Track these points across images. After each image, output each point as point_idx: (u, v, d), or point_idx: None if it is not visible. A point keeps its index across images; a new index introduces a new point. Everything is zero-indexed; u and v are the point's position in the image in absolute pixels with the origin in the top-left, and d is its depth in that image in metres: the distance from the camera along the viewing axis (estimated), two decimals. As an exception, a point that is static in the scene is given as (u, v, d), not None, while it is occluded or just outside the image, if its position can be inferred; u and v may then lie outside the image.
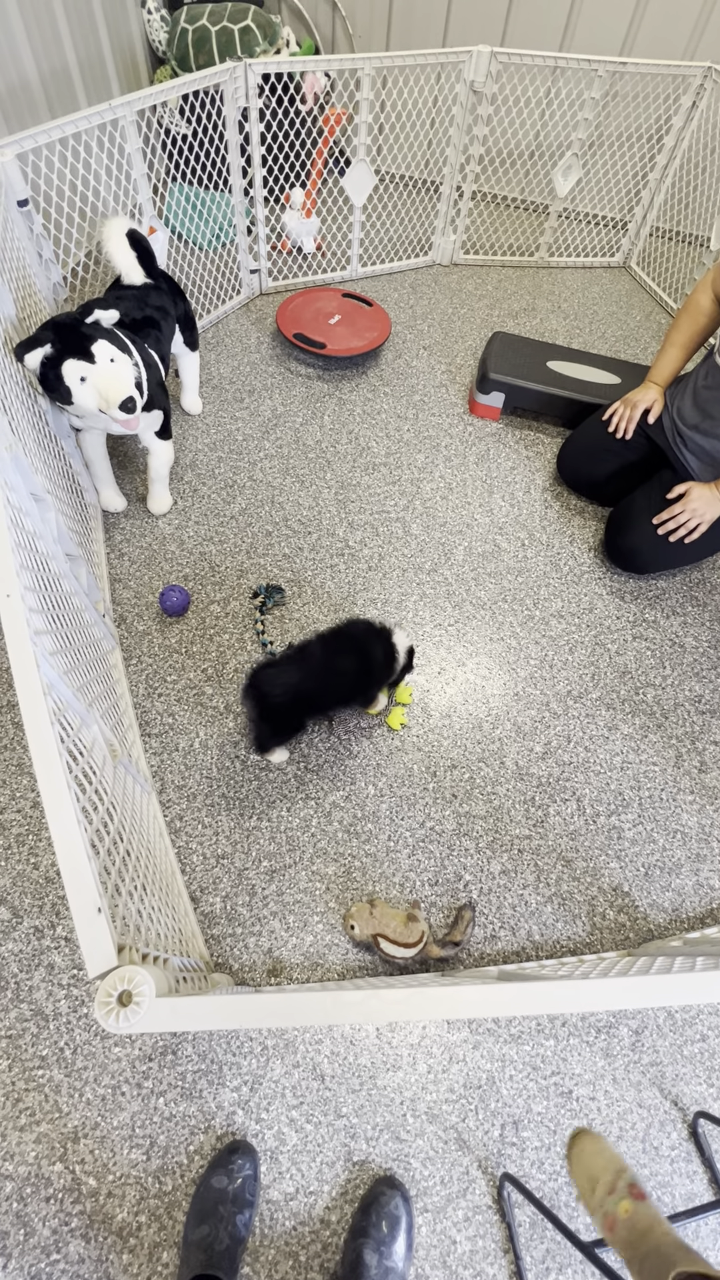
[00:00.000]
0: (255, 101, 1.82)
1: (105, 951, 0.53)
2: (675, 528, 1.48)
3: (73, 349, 1.15)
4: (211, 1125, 0.99)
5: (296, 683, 1.14)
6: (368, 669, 1.22)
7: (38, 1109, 0.98)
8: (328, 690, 1.21)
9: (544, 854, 1.26)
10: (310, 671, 1.16)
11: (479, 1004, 0.54)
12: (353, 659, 1.20)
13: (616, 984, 0.56)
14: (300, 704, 1.18)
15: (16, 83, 1.85)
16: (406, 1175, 0.97)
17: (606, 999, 0.56)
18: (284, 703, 1.14)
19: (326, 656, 1.18)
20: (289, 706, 1.16)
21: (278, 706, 1.15)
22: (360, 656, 1.20)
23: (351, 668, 1.20)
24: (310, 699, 1.19)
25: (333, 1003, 0.53)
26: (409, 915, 1.12)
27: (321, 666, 1.17)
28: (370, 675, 1.24)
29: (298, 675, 1.15)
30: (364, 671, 1.22)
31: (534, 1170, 0.99)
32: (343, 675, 1.20)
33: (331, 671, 1.18)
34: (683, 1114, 1.04)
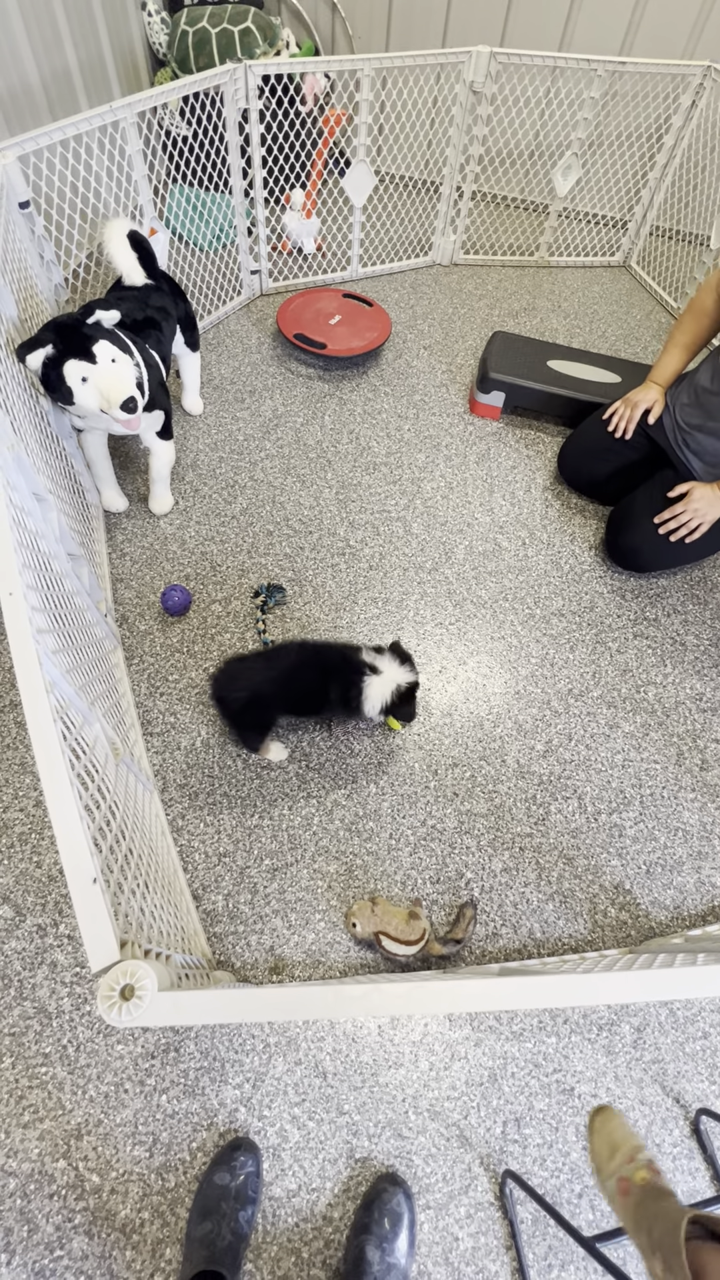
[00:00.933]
0: (255, 103, 1.83)
1: (108, 946, 0.54)
2: (676, 527, 1.48)
3: (74, 349, 1.15)
4: (214, 1122, 0.99)
5: (257, 682, 1.16)
6: (322, 695, 1.20)
7: (41, 1106, 0.99)
8: (284, 698, 1.20)
9: (545, 852, 1.26)
10: (273, 674, 1.17)
11: (480, 998, 0.55)
12: (314, 679, 1.19)
13: (617, 978, 0.57)
14: (259, 703, 1.18)
15: (18, 85, 1.86)
16: (409, 1172, 0.98)
17: (607, 993, 0.56)
18: (241, 700, 1.16)
19: (295, 665, 1.19)
20: (247, 704, 1.17)
21: (236, 704, 1.16)
22: (321, 681, 1.19)
23: (310, 687, 1.20)
24: (268, 701, 1.19)
25: (335, 996, 0.54)
26: (411, 913, 1.12)
27: (285, 673, 1.18)
28: (324, 702, 1.21)
29: (259, 675, 1.16)
30: (318, 695, 1.20)
31: (536, 1167, 0.99)
32: (302, 689, 1.20)
33: (292, 681, 1.19)
34: (684, 1111, 1.04)
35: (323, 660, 1.21)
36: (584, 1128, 1.01)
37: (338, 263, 2.43)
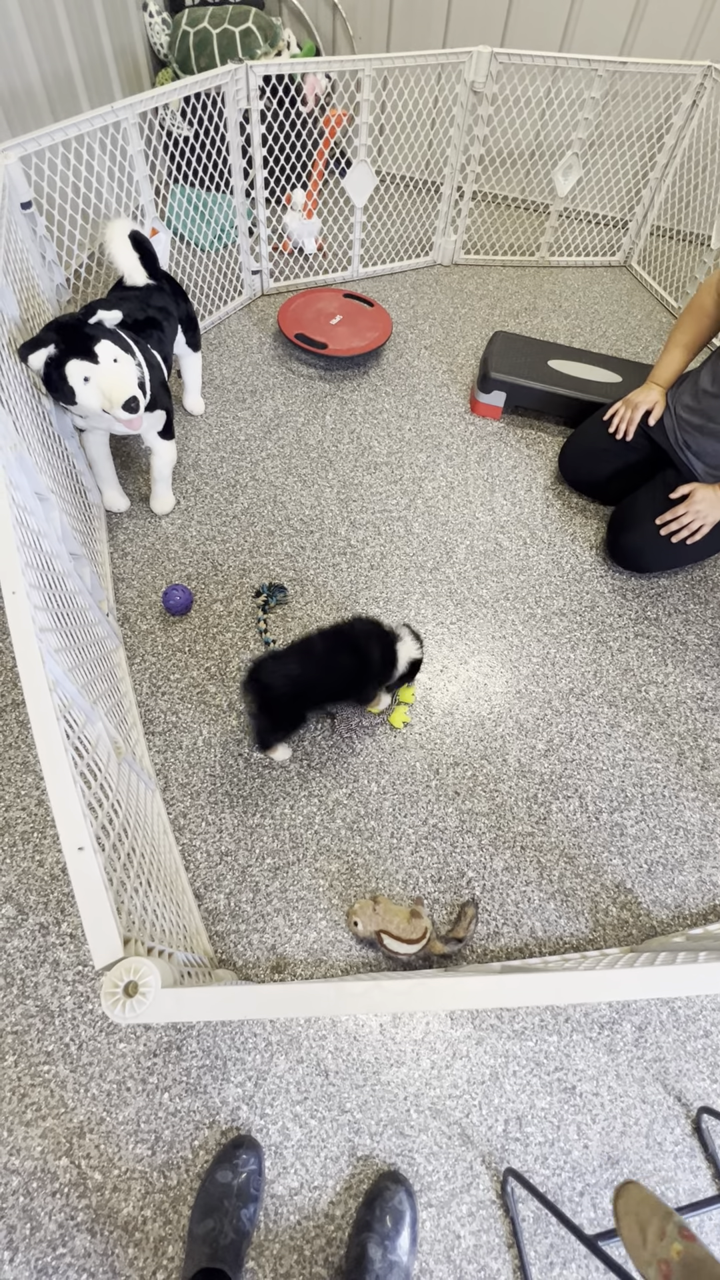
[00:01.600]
0: (256, 103, 1.83)
1: (111, 943, 0.54)
2: (678, 529, 1.48)
3: (76, 349, 1.16)
4: (216, 1120, 0.99)
5: (296, 674, 1.15)
6: (365, 668, 1.22)
7: (44, 1104, 0.99)
8: (326, 684, 1.21)
9: (546, 851, 1.26)
10: (309, 664, 1.17)
11: (481, 995, 0.55)
12: (351, 656, 1.20)
13: (618, 975, 0.57)
14: (300, 696, 1.19)
15: (19, 86, 1.87)
16: (410, 1170, 0.98)
17: (608, 990, 0.56)
18: (284, 694, 1.15)
19: (327, 651, 1.19)
20: (289, 698, 1.17)
21: (278, 698, 1.16)
22: (358, 655, 1.20)
23: (349, 665, 1.20)
24: (309, 691, 1.20)
25: (336, 994, 0.54)
26: (412, 912, 1.12)
27: (321, 660, 1.18)
28: (366, 674, 1.24)
29: (298, 667, 1.16)
30: (361, 669, 1.22)
31: (537, 1165, 0.99)
32: (341, 671, 1.20)
33: (330, 666, 1.19)
34: (686, 1109, 1.04)
35: (350, 636, 1.22)
36: (585, 1127, 1.02)
37: (339, 263, 2.43)
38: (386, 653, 1.24)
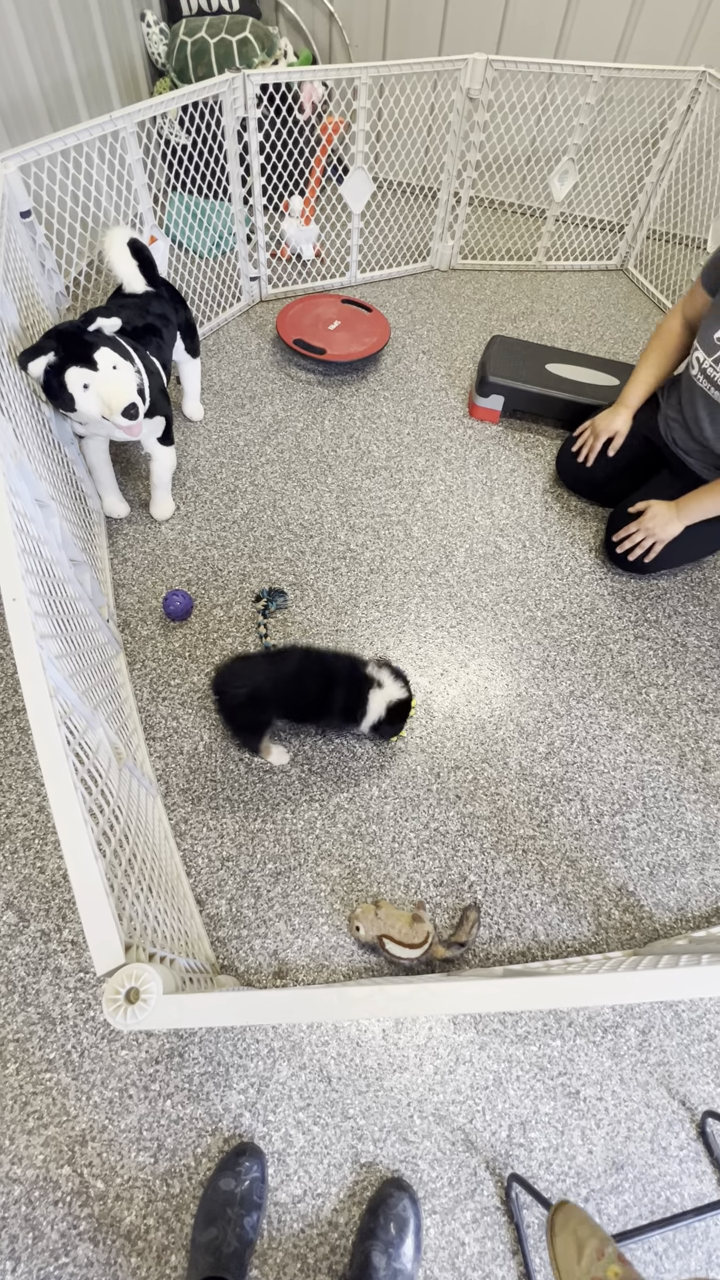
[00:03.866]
0: (254, 111, 1.84)
1: (112, 949, 0.54)
2: (632, 546, 1.49)
3: (76, 356, 1.16)
4: (219, 1128, 0.99)
5: (258, 682, 1.17)
6: (324, 704, 1.21)
7: (45, 1112, 0.99)
8: (284, 701, 1.21)
9: (548, 854, 1.26)
10: (275, 675, 1.18)
11: (483, 999, 0.55)
12: (316, 686, 1.20)
13: (620, 979, 0.57)
14: (255, 705, 1.19)
15: (18, 96, 1.88)
16: (414, 1177, 0.97)
17: (611, 994, 0.56)
18: (240, 699, 1.17)
19: (298, 669, 1.19)
20: (245, 703, 1.18)
21: (235, 700, 1.17)
22: (324, 688, 1.20)
23: (312, 693, 1.20)
24: (266, 702, 1.20)
25: (339, 999, 0.54)
26: (414, 916, 1.12)
27: (288, 676, 1.19)
28: (325, 710, 1.22)
29: (261, 675, 1.17)
30: (320, 703, 1.21)
31: (542, 1171, 0.99)
32: (303, 695, 1.21)
33: (294, 686, 1.19)
34: (690, 1114, 1.04)
35: (329, 668, 1.22)
36: (589, 1132, 1.01)
37: (336, 268, 2.45)
38: (352, 697, 1.21)
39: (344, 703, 1.21)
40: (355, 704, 1.22)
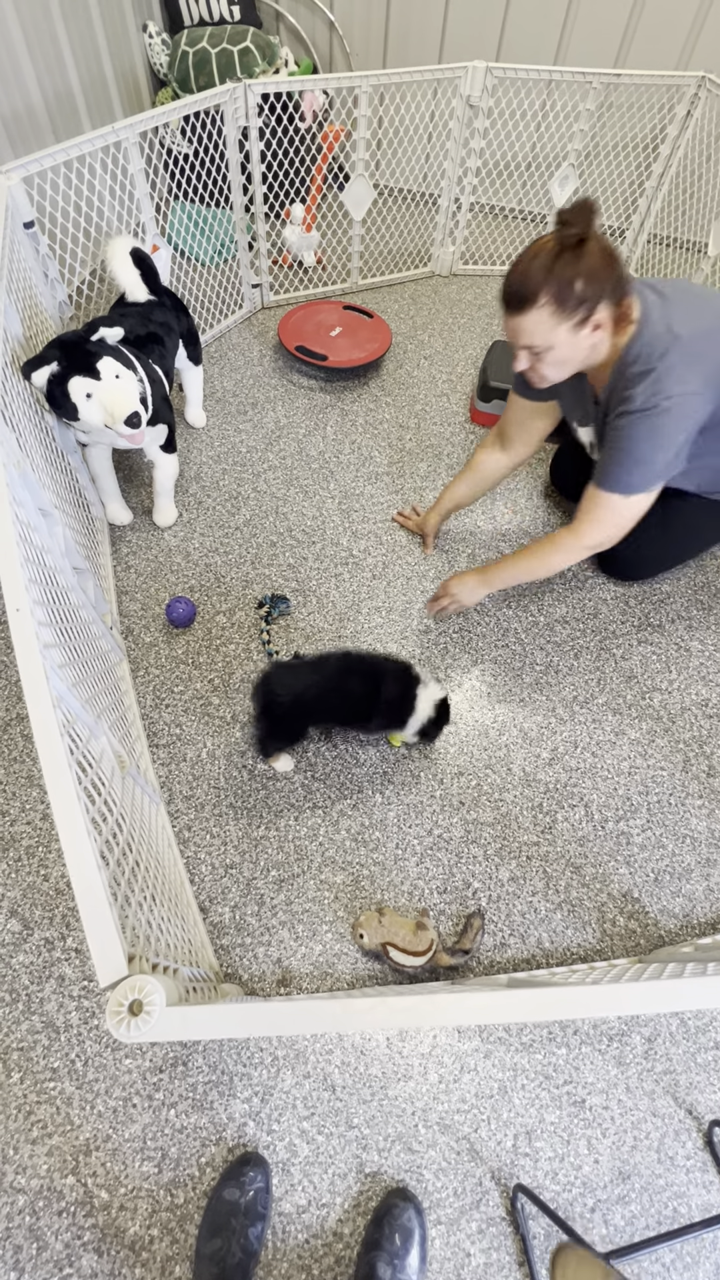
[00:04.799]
0: (255, 120, 1.86)
1: (115, 961, 0.54)
2: (438, 610, 1.49)
3: (79, 366, 1.17)
4: (223, 1137, 0.99)
5: (303, 689, 1.15)
6: (373, 704, 1.20)
7: (49, 1121, 0.98)
8: (330, 707, 1.21)
9: (552, 860, 1.26)
10: (320, 682, 1.17)
11: (487, 1011, 0.54)
12: (364, 687, 1.19)
13: (625, 989, 0.56)
14: (301, 710, 1.19)
15: (21, 107, 1.89)
16: (419, 1187, 0.97)
17: (615, 1005, 0.56)
18: (286, 704, 1.16)
19: (341, 674, 1.18)
20: (290, 709, 1.17)
21: (280, 706, 1.16)
22: (372, 688, 1.19)
23: (359, 695, 1.19)
24: (312, 708, 1.19)
25: (342, 1011, 0.54)
26: (418, 923, 1.12)
27: (333, 681, 1.18)
28: (373, 711, 1.22)
29: (306, 681, 1.16)
30: (369, 704, 1.20)
31: (548, 1181, 0.98)
32: (349, 698, 1.20)
33: (339, 690, 1.18)
34: (697, 1123, 1.03)
35: (375, 669, 1.21)
36: (595, 1142, 1.01)
37: (338, 275, 2.45)
38: (405, 693, 1.21)
39: (393, 704, 1.21)
40: (404, 705, 1.22)
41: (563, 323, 1.03)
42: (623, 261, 1.04)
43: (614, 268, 1.01)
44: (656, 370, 1.08)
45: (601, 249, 0.99)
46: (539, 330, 1.05)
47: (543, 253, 1.00)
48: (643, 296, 1.10)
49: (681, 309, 1.10)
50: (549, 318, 1.03)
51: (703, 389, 1.10)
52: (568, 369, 1.13)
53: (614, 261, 1.01)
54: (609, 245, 1.01)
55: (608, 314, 1.05)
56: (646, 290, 1.11)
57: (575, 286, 0.99)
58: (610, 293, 1.02)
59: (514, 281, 1.03)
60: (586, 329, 1.05)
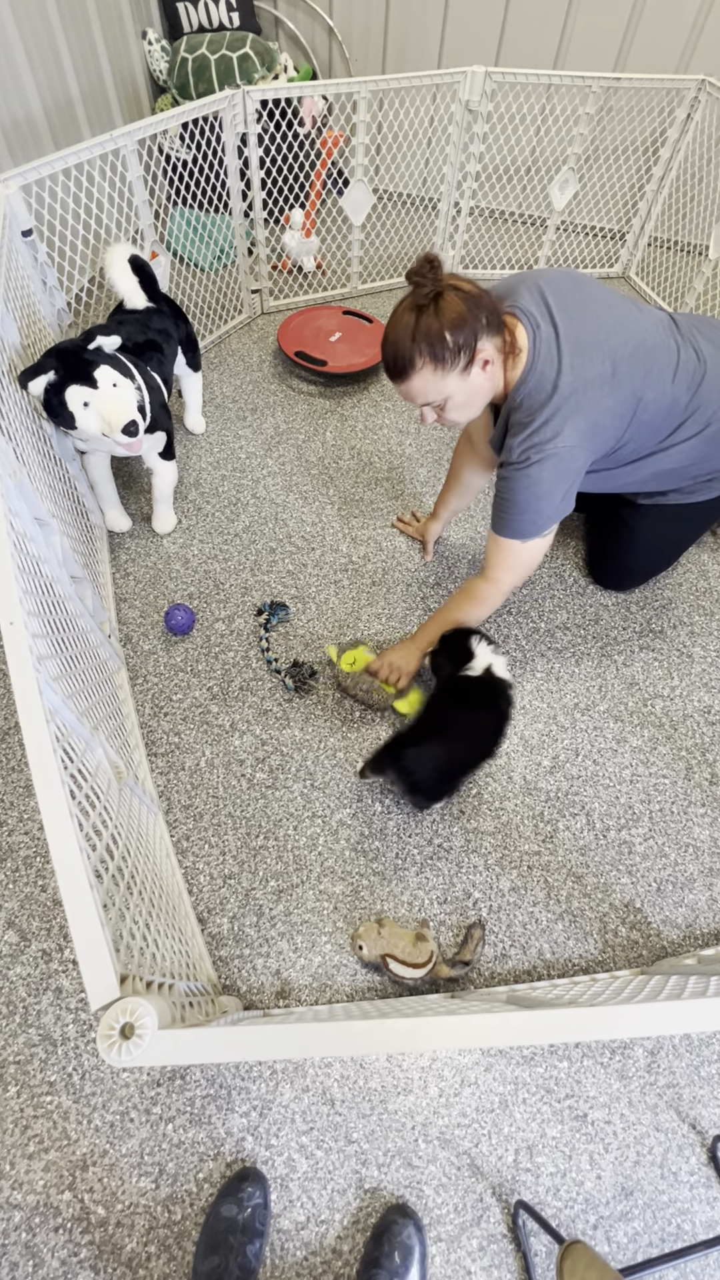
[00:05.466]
0: (254, 127, 1.86)
1: (107, 983, 0.53)
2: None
3: (76, 375, 1.16)
4: (221, 1152, 0.98)
5: (445, 759, 1.15)
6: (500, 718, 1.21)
7: (46, 1136, 0.98)
8: (471, 753, 1.20)
9: (554, 870, 1.25)
10: (452, 741, 1.16)
11: (486, 1034, 0.54)
12: (485, 710, 1.20)
13: (626, 1011, 0.55)
14: (452, 772, 1.19)
15: (21, 115, 1.90)
16: (419, 1203, 0.96)
17: (615, 1028, 0.55)
18: (434, 779, 1.16)
19: (464, 718, 1.19)
20: (440, 782, 1.18)
21: (429, 784, 1.16)
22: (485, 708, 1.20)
23: (489, 724, 1.20)
24: (456, 769, 1.19)
25: (338, 1034, 0.53)
26: (418, 935, 1.11)
27: (463, 731, 1.18)
28: (503, 723, 1.21)
29: (443, 751, 1.15)
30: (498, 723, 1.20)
31: (549, 1197, 0.97)
32: (484, 731, 1.20)
33: (472, 731, 1.19)
34: (701, 1138, 1.01)
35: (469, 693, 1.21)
36: (598, 1157, 1.00)
37: (338, 280, 2.45)
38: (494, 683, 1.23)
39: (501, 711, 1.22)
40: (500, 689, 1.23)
41: (448, 374, 1.02)
42: (489, 295, 1.02)
43: (479, 308, 1.00)
44: (534, 423, 1.08)
45: (460, 295, 0.98)
46: (428, 389, 1.05)
47: (404, 319, 1.00)
48: (534, 328, 1.06)
49: (573, 350, 1.06)
50: (432, 375, 1.03)
51: (579, 442, 1.09)
52: (473, 408, 1.12)
53: (477, 302, 1.00)
54: (467, 287, 1.00)
55: (492, 347, 1.04)
56: (543, 319, 1.07)
57: (446, 339, 0.99)
58: (486, 329, 1.01)
59: (388, 355, 1.04)
60: (475, 369, 1.04)
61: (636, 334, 1.12)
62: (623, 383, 1.09)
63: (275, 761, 1.34)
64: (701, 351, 1.18)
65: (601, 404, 1.09)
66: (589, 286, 1.14)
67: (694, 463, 1.27)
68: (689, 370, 1.17)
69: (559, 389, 1.06)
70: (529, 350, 1.07)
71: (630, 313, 1.15)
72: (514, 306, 1.09)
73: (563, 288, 1.11)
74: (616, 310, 1.13)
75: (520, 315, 1.08)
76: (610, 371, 1.08)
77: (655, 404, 1.15)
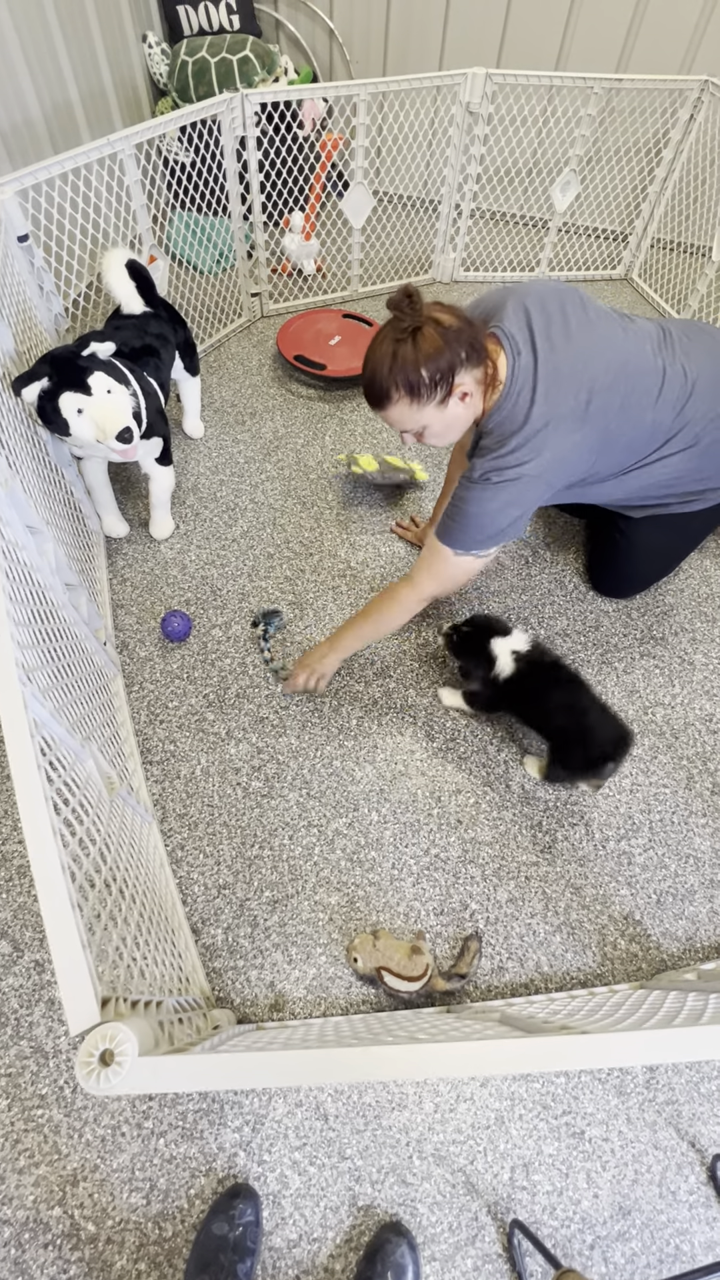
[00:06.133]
0: (252, 130, 1.85)
1: (88, 1008, 0.52)
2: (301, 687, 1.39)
3: (69, 382, 1.16)
4: (213, 1168, 0.97)
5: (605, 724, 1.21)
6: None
7: (37, 1150, 0.97)
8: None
9: (552, 881, 1.23)
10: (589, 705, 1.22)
11: (479, 1062, 0.52)
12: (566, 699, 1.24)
13: (620, 1039, 0.54)
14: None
15: (20, 120, 1.89)
16: (413, 1221, 0.94)
17: (611, 1056, 0.53)
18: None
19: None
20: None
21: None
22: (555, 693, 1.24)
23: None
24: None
25: (323, 1062, 0.52)
26: (413, 947, 1.10)
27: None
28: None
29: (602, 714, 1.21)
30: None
31: (545, 1216, 0.95)
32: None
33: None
34: (700, 1156, 1.00)
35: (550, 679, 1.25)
36: (595, 1175, 0.98)
37: (338, 283, 2.44)
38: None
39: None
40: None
41: (425, 406, 1.02)
42: (471, 326, 1.00)
43: (458, 342, 0.98)
44: (501, 450, 1.07)
45: (438, 330, 0.96)
46: (406, 419, 1.05)
47: (383, 350, 0.99)
48: (515, 355, 1.04)
49: (549, 380, 1.04)
50: (408, 407, 1.02)
51: (540, 473, 1.08)
52: (452, 435, 1.11)
53: (457, 336, 0.98)
54: (447, 320, 0.98)
55: (471, 380, 1.03)
56: (524, 347, 1.04)
57: (422, 374, 0.98)
58: (465, 362, 1.00)
59: (366, 383, 1.04)
60: (453, 400, 1.03)
61: (619, 358, 1.10)
62: (594, 417, 1.08)
63: (271, 770, 1.33)
64: (689, 369, 1.16)
65: (570, 439, 1.08)
66: (576, 307, 1.10)
67: (684, 475, 1.26)
68: (675, 389, 1.15)
69: (530, 420, 1.04)
70: (507, 378, 1.05)
71: (615, 335, 1.11)
72: (498, 328, 1.06)
73: (549, 308, 1.07)
74: (600, 331, 1.10)
75: (503, 339, 1.05)
76: (584, 404, 1.06)
77: (628, 435, 1.14)
